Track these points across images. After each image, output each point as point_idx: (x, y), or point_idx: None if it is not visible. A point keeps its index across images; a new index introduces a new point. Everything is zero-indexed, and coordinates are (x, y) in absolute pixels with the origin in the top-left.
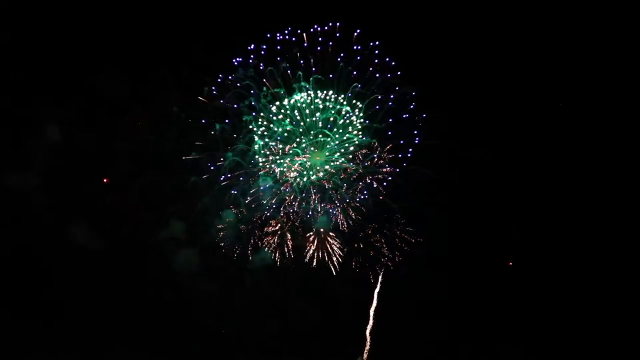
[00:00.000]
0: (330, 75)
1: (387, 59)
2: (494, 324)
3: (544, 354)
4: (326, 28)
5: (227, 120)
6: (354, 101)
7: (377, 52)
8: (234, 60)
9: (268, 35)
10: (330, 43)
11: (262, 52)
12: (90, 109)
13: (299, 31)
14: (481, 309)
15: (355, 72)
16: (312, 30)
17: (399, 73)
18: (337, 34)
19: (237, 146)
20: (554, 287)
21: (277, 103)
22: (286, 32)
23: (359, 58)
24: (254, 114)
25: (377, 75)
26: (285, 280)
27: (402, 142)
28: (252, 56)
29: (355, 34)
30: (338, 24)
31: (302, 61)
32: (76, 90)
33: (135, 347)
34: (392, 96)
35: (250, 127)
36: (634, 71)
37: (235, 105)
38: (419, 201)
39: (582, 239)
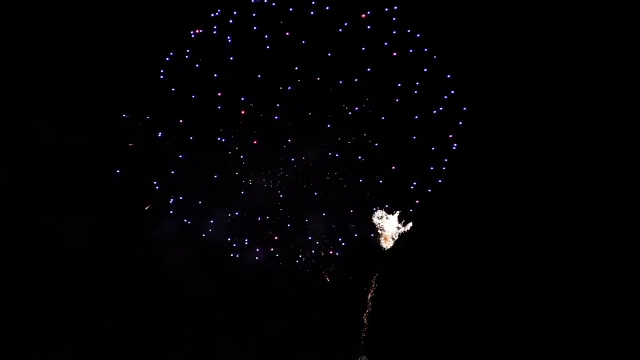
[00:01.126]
0: (329, 54)
1: (409, 31)
2: (493, 327)
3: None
4: None
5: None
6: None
7: (394, 19)
8: (191, 33)
9: None
10: (327, 8)
11: (231, 21)
12: (84, 107)
13: None
14: (479, 314)
15: (363, 49)
16: None
17: (425, 50)
18: None
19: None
20: (555, 289)
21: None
22: None
23: (369, 28)
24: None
25: (395, 53)
26: (278, 284)
27: (432, 148)
28: (215, 27)
29: None
30: None
31: (287, 33)
32: (66, 88)
33: (132, 347)
34: (417, 83)
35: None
36: (634, 71)
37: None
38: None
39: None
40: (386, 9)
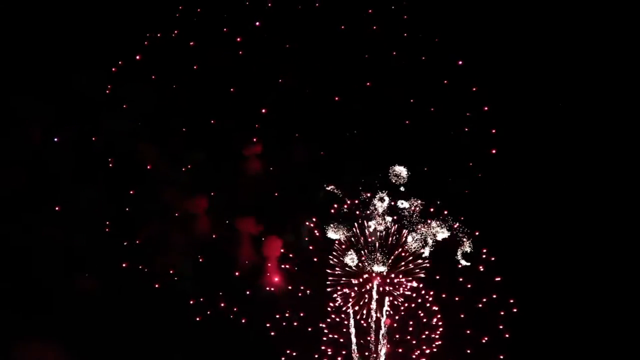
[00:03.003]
0: (319, 62)
1: (421, 35)
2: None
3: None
4: None
5: None
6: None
7: (405, 17)
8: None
9: None
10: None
11: (198, 10)
12: (73, 107)
13: None
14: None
15: (367, 56)
16: None
17: (443, 54)
18: None
19: None
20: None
21: None
22: None
23: (374, 28)
24: None
25: (404, 63)
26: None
27: (449, 178)
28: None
29: None
30: None
31: (265, 35)
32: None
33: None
34: (431, 108)
35: None
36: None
37: None
38: None
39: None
40: (393, 6)
